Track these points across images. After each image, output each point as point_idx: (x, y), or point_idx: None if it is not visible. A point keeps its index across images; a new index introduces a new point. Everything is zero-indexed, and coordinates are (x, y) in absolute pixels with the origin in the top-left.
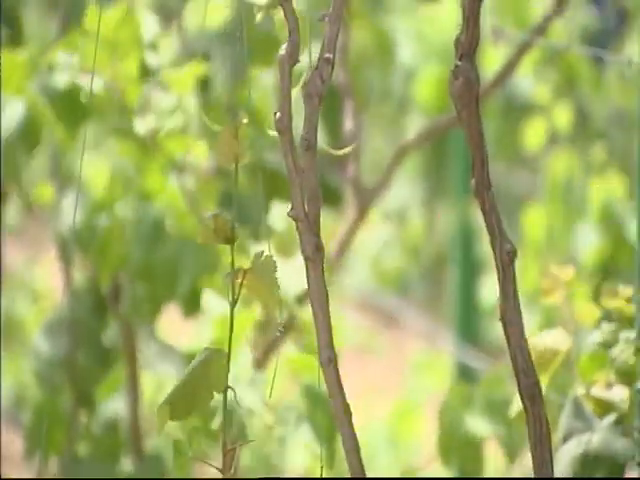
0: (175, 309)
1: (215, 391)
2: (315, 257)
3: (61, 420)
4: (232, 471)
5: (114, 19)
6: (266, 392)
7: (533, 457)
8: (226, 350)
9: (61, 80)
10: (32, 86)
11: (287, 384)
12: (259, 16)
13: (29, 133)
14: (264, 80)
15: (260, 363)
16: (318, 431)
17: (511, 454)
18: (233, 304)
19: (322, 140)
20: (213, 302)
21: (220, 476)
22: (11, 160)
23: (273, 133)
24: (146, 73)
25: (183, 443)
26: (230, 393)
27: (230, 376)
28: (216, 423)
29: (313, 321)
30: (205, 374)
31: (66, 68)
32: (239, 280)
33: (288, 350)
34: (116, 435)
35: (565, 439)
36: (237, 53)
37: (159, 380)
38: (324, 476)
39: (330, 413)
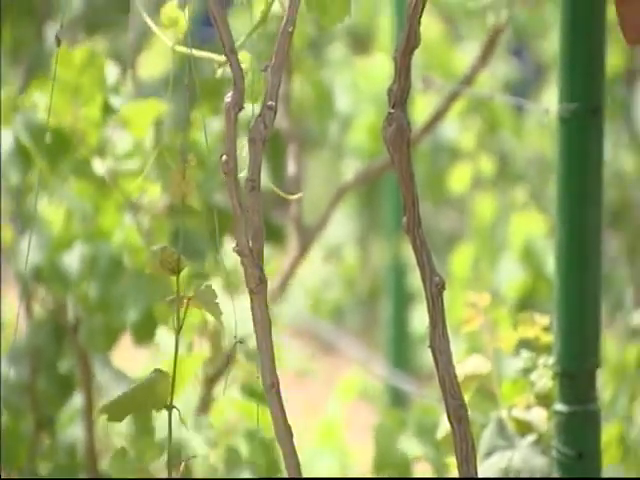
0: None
1: (157, 408)
2: (259, 290)
3: (23, 443)
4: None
5: (79, 62)
6: (210, 434)
7: (460, 474)
8: (171, 373)
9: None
10: (16, 122)
11: (231, 424)
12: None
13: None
14: (213, 125)
15: (204, 405)
16: (259, 473)
17: (440, 472)
18: (178, 330)
19: (266, 181)
20: (163, 334)
21: None
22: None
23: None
24: (108, 115)
25: (131, 460)
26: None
27: (174, 417)
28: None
29: (257, 349)
30: (149, 392)
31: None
32: (183, 308)
33: (231, 392)
34: (74, 456)
35: (487, 455)
36: (185, 100)
37: None
38: None
39: (270, 456)
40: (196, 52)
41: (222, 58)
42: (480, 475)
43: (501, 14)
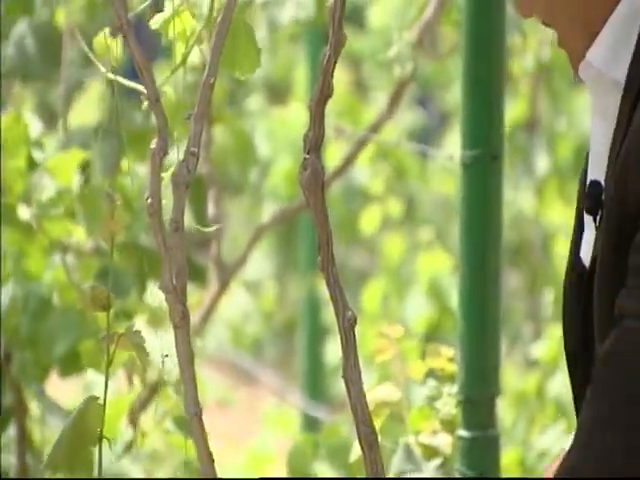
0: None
1: (91, 441)
2: (182, 324)
3: None
4: None
5: (4, 125)
6: (146, 464)
7: None
8: (101, 402)
9: None
10: None
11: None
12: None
13: None
14: (139, 169)
15: (136, 438)
16: None
17: None
18: (108, 364)
19: (189, 222)
20: (91, 372)
21: None
22: None
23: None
24: (32, 166)
25: None
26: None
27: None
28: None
29: (181, 380)
30: (82, 425)
31: None
32: (113, 344)
33: (162, 423)
34: None
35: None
36: (113, 146)
37: (50, 434)
38: None
39: None
40: (123, 102)
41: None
42: None
43: (407, 67)
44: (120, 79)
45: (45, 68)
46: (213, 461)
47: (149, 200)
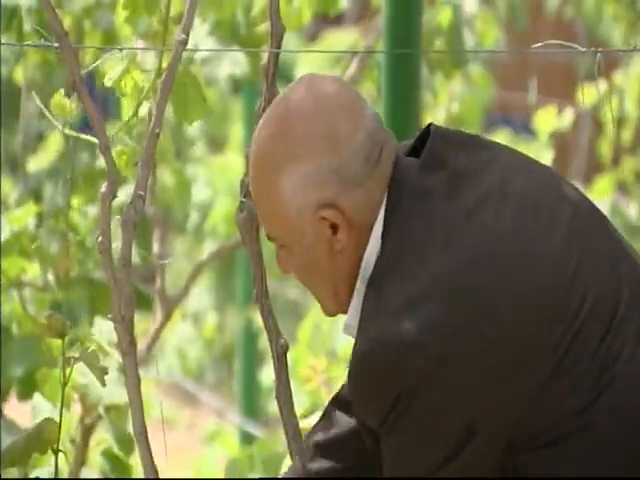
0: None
1: (44, 450)
2: (129, 351)
3: None
4: None
5: None
6: None
7: None
8: (57, 421)
9: None
10: None
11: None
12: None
13: None
14: (90, 210)
15: (81, 456)
16: None
17: None
18: (64, 385)
19: (135, 258)
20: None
21: None
22: None
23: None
24: None
25: None
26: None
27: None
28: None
29: (129, 402)
30: (38, 438)
31: None
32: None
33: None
34: None
35: None
36: (67, 188)
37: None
38: None
39: None
40: (77, 149)
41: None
42: None
43: None
44: (73, 132)
45: (5, 119)
46: (157, 474)
47: (99, 238)
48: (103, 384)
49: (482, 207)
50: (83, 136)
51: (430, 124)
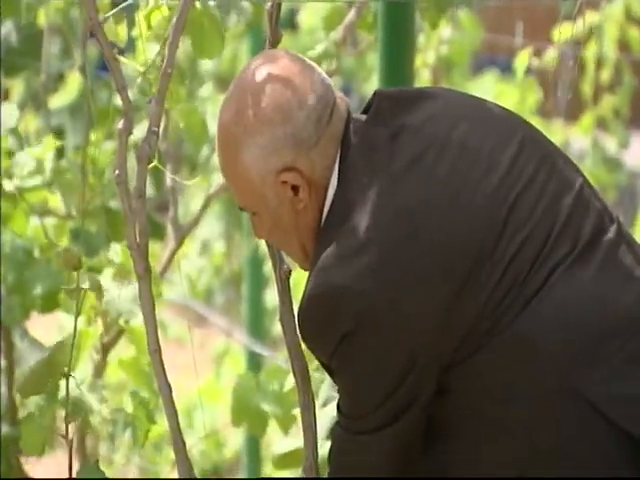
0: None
1: (59, 376)
2: (144, 276)
3: None
4: (71, 437)
5: None
6: (103, 393)
7: (302, 421)
8: (70, 344)
9: None
10: None
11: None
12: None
13: None
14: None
15: (99, 370)
16: (141, 426)
17: (285, 427)
18: (77, 314)
19: (150, 190)
20: (64, 316)
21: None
22: None
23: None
24: (11, 154)
25: (35, 416)
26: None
27: (74, 381)
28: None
29: (144, 323)
30: (52, 363)
31: None
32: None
33: (122, 356)
34: None
35: (324, 405)
36: (85, 124)
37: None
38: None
39: (148, 414)
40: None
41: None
42: (318, 422)
43: (332, 61)
44: (91, 71)
45: (27, 60)
46: (170, 390)
47: (116, 172)
48: (107, 311)
49: (422, 158)
50: (101, 76)
51: (376, 90)
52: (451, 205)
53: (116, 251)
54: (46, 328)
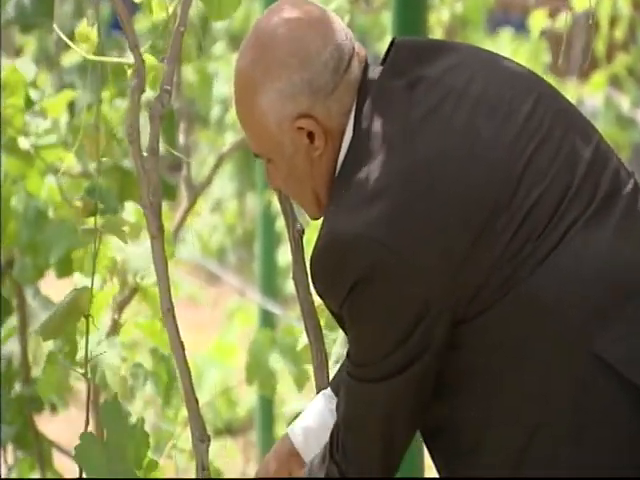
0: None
1: (78, 318)
2: (158, 235)
3: None
4: (89, 375)
5: (4, 70)
6: (121, 351)
7: (315, 379)
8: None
9: None
10: None
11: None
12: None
13: None
14: (121, 103)
15: (115, 329)
16: (159, 384)
17: (299, 384)
18: (95, 255)
19: (162, 149)
20: (80, 277)
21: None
22: None
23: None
24: (29, 104)
25: (54, 354)
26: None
27: (93, 338)
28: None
29: (157, 281)
30: (73, 306)
31: None
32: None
33: (138, 317)
34: (11, 365)
35: (336, 362)
36: (97, 82)
37: None
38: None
39: (169, 370)
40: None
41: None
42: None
43: (345, 18)
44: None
45: (40, 19)
46: (183, 348)
47: (129, 130)
48: (125, 242)
49: (440, 109)
50: (113, 34)
51: (394, 38)
52: (468, 156)
53: (130, 211)
54: (58, 287)
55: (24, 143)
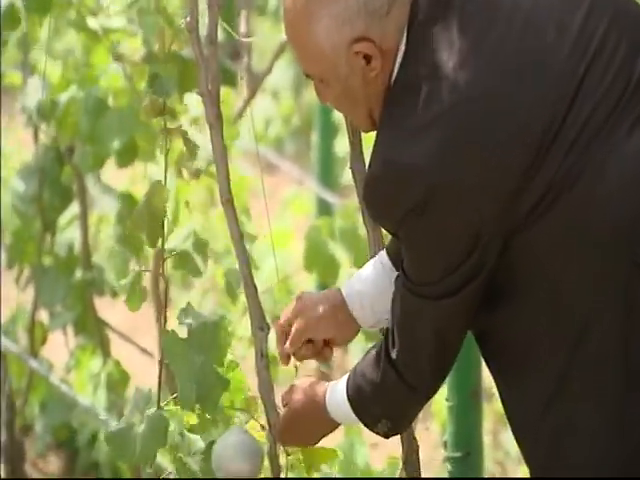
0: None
1: (159, 216)
2: (216, 124)
3: (32, 241)
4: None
5: None
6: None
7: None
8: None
9: None
10: None
11: None
12: None
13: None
14: None
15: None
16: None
17: (359, 265)
18: (166, 153)
19: (222, 37)
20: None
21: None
22: None
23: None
24: None
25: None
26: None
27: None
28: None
29: (215, 170)
30: (150, 202)
31: None
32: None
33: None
34: (72, 252)
35: None
36: None
37: (102, 214)
38: None
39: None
40: None
41: None
42: None
43: None
44: None
45: None
46: (242, 236)
47: (188, 18)
48: (194, 155)
49: (491, 28)
50: None
51: None
52: (521, 81)
53: (191, 100)
54: (116, 174)
55: (93, 23)
